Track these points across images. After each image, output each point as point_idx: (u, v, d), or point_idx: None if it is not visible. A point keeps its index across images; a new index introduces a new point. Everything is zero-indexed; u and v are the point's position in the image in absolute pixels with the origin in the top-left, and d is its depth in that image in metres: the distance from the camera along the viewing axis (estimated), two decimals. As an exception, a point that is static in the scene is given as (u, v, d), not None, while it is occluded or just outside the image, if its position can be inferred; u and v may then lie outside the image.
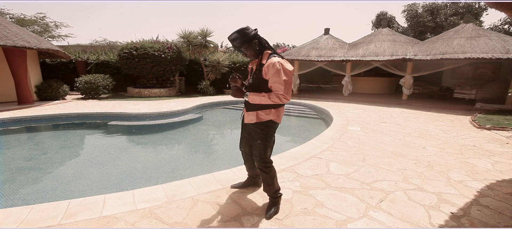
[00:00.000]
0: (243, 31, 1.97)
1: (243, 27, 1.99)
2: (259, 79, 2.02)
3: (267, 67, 1.95)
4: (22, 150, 4.54)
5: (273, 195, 2.23)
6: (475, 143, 4.51)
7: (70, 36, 24.32)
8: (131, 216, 2.13)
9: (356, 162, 3.49)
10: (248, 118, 2.15)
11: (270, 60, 1.96)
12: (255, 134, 2.14)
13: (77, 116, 6.79)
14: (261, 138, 2.10)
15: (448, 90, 10.26)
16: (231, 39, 1.99)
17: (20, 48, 7.45)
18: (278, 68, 1.91)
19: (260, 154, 2.12)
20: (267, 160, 2.15)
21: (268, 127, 2.12)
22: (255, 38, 2.01)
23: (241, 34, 1.96)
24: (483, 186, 2.81)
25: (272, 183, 2.19)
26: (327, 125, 6.35)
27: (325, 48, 11.28)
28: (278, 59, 1.95)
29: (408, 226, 2.08)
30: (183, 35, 11.46)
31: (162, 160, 4.18)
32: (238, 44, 1.99)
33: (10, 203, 2.79)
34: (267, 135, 2.11)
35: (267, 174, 2.15)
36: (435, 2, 17.68)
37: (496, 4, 2.83)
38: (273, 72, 1.92)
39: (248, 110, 2.16)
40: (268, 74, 1.95)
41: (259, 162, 2.14)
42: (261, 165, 2.14)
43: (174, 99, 10.07)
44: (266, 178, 2.17)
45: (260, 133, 2.10)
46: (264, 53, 2.06)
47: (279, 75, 1.91)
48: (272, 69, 1.92)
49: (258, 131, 2.11)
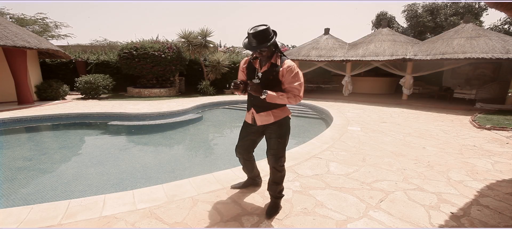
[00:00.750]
0: (269, 30, 1.90)
1: (268, 26, 1.91)
2: (274, 80, 1.99)
3: (284, 70, 1.96)
4: (22, 150, 4.54)
5: (277, 194, 2.23)
6: (475, 143, 4.51)
7: (70, 36, 24.33)
8: (131, 216, 2.13)
9: (356, 162, 3.49)
10: (262, 118, 2.11)
11: (286, 63, 1.98)
12: (272, 133, 2.11)
13: (77, 116, 6.79)
14: (280, 135, 2.09)
15: (448, 90, 10.26)
16: (255, 34, 1.87)
17: (20, 48, 7.45)
18: (296, 72, 1.96)
19: (277, 152, 2.10)
20: (284, 159, 2.14)
21: (286, 124, 2.14)
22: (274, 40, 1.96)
23: (266, 33, 1.88)
24: (483, 186, 2.81)
25: (280, 182, 2.19)
26: (327, 125, 6.35)
27: (325, 48, 11.28)
28: (292, 62, 2.00)
29: (408, 226, 2.08)
30: (183, 35, 11.46)
31: (162, 160, 4.18)
32: (260, 41, 1.88)
33: (10, 203, 2.79)
34: (286, 131, 2.13)
35: (280, 173, 2.15)
36: (435, 2, 17.68)
37: (496, 4, 2.83)
38: (291, 75, 1.95)
39: (260, 112, 2.11)
40: (284, 76, 1.97)
41: (276, 160, 2.10)
42: (277, 163, 2.11)
43: (174, 99, 10.07)
44: (277, 177, 2.16)
45: (279, 131, 2.09)
46: (277, 55, 2.03)
47: (296, 78, 1.96)
48: (290, 72, 1.95)
49: (275, 128, 2.10)
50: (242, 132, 2.34)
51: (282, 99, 1.97)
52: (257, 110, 2.12)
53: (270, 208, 2.22)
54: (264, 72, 2.04)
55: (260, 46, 1.89)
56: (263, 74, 2.05)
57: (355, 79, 11.76)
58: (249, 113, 2.23)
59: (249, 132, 2.28)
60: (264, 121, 2.11)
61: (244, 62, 2.24)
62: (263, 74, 2.05)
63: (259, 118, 2.13)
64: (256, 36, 1.88)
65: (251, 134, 2.27)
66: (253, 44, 1.91)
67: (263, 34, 1.88)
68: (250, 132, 2.27)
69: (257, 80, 2.07)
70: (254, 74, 2.11)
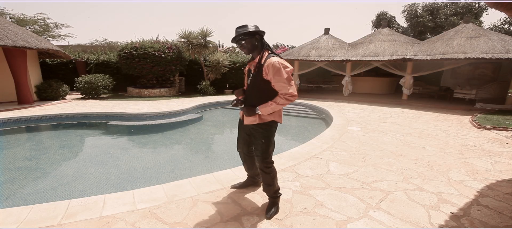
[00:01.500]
0: (248, 26, 2.01)
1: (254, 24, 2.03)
2: (259, 80, 2.02)
3: (267, 68, 1.96)
4: (22, 150, 4.54)
5: (273, 195, 2.24)
6: (475, 143, 4.51)
7: (70, 36, 24.32)
8: (131, 216, 2.13)
9: (356, 162, 3.49)
10: (248, 119, 2.13)
11: (269, 60, 1.97)
12: (257, 134, 2.13)
13: (77, 116, 6.79)
14: (264, 137, 2.10)
15: (448, 91, 10.27)
16: (238, 28, 2.02)
17: (20, 48, 7.45)
18: (278, 68, 1.92)
19: (262, 154, 2.11)
20: (269, 160, 2.15)
21: (270, 127, 2.13)
22: (257, 34, 2.02)
23: (246, 27, 2.00)
24: (483, 186, 2.81)
25: (272, 183, 2.19)
26: (327, 125, 6.35)
27: (325, 48, 11.28)
28: (277, 59, 1.97)
29: (408, 226, 2.08)
30: (183, 35, 11.47)
31: (162, 160, 4.18)
32: (241, 35, 1.99)
33: (10, 203, 2.79)
34: (270, 134, 2.12)
35: (268, 174, 2.15)
36: (435, 2, 17.69)
37: (496, 4, 2.83)
38: (274, 72, 1.93)
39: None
40: (268, 74, 1.96)
41: (261, 162, 2.13)
42: (263, 165, 2.13)
43: (174, 99, 10.07)
44: (266, 178, 2.17)
45: (263, 133, 2.10)
46: (263, 54, 2.05)
47: (280, 74, 1.92)
48: (273, 69, 1.93)
49: (260, 130, 2.10)
50: (238, 128, 2.44)
51: (274, 106, 1.99)
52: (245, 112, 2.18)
53: (269, 207, 2.22)
54: (254, 72, 2.07)
55: (238, 37, 1.99)
56: (252, 76, 2.08)
57: (355, 79, 11.76)
58: (241, 111, 2.30)
59: (241, 127, 2.37)
60: (250, 121, 2.13)
61: (247, 67, 2.28)
62: (253, 75, 2.07)
63: (246, 118, 2.16)
64: (238, 28, 2.02)
65: (242, 131, 2.36)
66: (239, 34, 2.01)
67: (244, 27, 2.00)
68: (242, 129, 2.35)
69: (249, 80, 2.14)
70: (250, 75, 2.16)
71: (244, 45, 2.03)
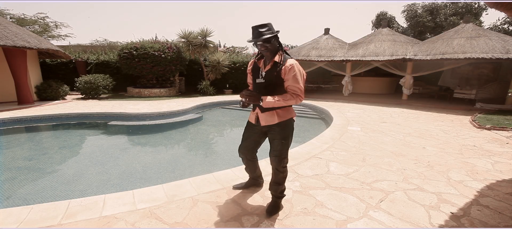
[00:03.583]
0: (271, 25, 1.95)
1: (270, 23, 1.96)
2: (277, 78, 1.98)
3: (286, 68, 1.94)
4: (22, 150, 4.54)
5: (279, 194, 2.23)
6: (475, 143, 4.51)
7: (70, 36, 24.35)
8: (131, 216, 2.13)
9: (356, 162, 3.49)
10: (266, 118, 2.08)
11: (289, 62, 1.96)
12: (276, 134, 2.08)
13: (77, 116, 6.79)
14: (284, 136, 2.07)
15: (448, 91, 10.26)
16: (258, 26, 1.91)
17: (20, 48, 7.45)
18: (297, 71, 1.95)
19: (281, 153, 2.07)
20: (286, 160, 2.13)
21: (290, 125, 2.12)
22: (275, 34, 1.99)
23: (269, 25, 1.93)
24: (483, 186, 2.81)
25: (282, 183, 2.19)
26: (327, 124, 6.35)
27: (325, 48, 11.28)
28: (294, 62, 1.98)
29: (408, 226, 2.08)
30: (183, 35, 11.46)
31: (162, 160, 4.17)
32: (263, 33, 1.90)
33: (10, 203, 2.79)
34: (289, 133, 2.11)
35: (282, 174, 2.15)
36: (435, 2, 17.68)
37: (496, 4, 2.83)
38: (292, 74, 1.93)
39: (264, 111, 2.08)
40: (286, 75, 1.95)
41: (278, 162, 2.08)
42: (280, 165, 2.10)
43: (174, 99, 10.07)
44: (279, 178, 2.16)
45: (283, 132, 2.07)
46: (282, 53, 2.03)
47: (297, 78, 1.94)
48: (292, 71, 1.93)
49: (279, 130, 2.06)
50: (245, 132, 2.32)
51: (280, 103, 1.95)
52: (262, 110, 2.10)
53: (270, 207, 2.22)
54: (268, 71, 2.03)
55: (261, 39, 1.90)
56: (266, 73, 2.04)
57: (355, 79, 11.76)
58: (253, 113, 2.22)
59: (252, 132, 2.26)
60: (268, 121, 2.07)
61: (250, 64, 2.24)
62: (266, 74, 2.04)
63: (263, 118, 2.09)
64: (259, 27, 1.92)
65: (254, 134, 2.25)
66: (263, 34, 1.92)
67: (266, 26, 1.93)
68: (254, 132, 2.25)
69: (261, 79, 2.07)
70: (258, 74, 2.11)
71: (268, 48, 1.96)
